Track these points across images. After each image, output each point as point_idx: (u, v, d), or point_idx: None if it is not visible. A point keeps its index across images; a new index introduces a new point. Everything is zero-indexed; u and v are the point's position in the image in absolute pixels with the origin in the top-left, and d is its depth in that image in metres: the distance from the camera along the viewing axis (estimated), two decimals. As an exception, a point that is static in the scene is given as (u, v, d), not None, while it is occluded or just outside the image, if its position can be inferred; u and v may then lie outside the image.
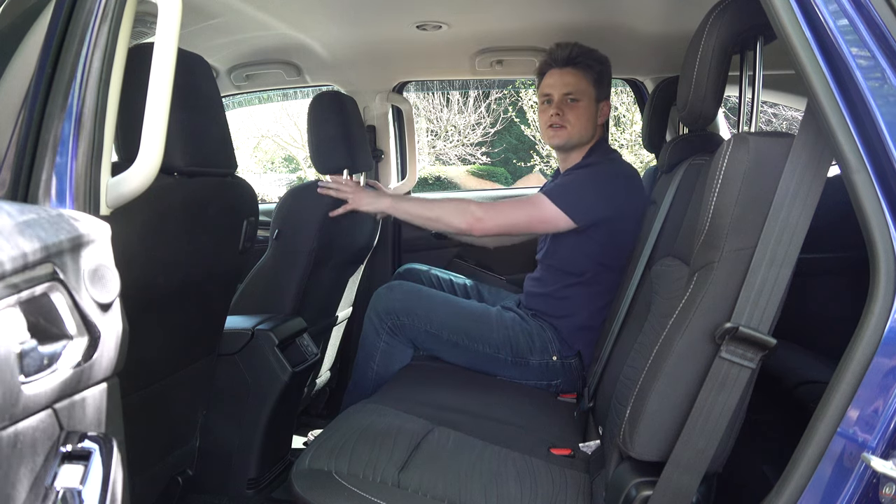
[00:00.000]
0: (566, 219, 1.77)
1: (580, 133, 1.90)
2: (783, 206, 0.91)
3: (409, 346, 1.92)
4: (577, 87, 1.88)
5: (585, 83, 1.88)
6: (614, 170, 1.86)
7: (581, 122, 1.89)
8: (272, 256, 1.98)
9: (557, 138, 1.92)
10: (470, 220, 1.81)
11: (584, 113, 1.89)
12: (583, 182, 1.83)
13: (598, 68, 1.90)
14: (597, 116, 1.92)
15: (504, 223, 1.82)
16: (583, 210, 1.77)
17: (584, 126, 1.89)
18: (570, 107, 1.89)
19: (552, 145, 1.99)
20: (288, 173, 12.99)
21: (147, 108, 0.96)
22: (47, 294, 0.75)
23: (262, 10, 1.91)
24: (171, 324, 1.35)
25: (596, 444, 1.43)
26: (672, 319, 1.03)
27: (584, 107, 1.89)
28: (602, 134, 1.99)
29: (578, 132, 1.90)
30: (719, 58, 1.08)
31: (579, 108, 1.88)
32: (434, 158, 11.69)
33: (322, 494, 1.17)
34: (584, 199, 1.79)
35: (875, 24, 0.82)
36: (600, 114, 1.93)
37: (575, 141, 1.91)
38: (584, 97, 1.88)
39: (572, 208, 1.77)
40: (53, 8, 0.96)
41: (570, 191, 1.81)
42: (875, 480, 0.78)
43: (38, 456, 0.73)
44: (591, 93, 1.90)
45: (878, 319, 0.80)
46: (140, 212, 1.08)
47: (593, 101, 1.90)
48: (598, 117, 1.93)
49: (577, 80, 1.88)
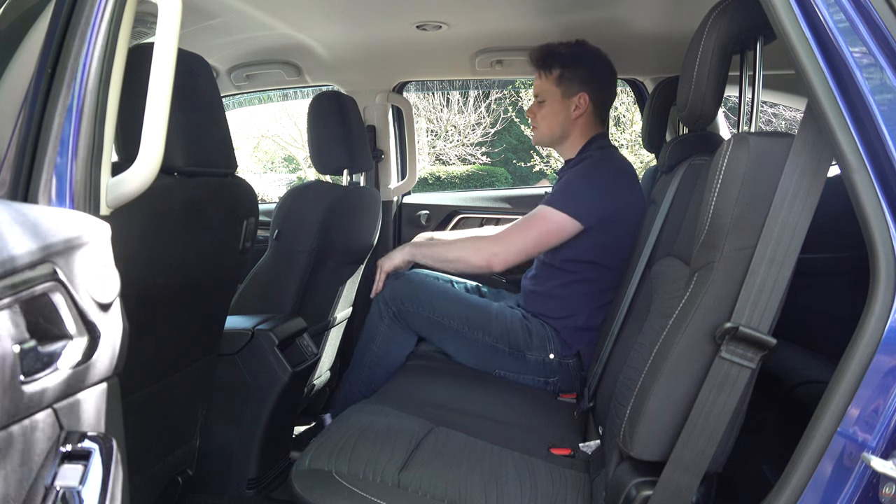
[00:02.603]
0: (573, 222, 1.78)
1: (549, 132, 1.98)
2: (783, 206, 0.91)
3: (411, 334, 1.94)
4: (540, 88, 1.97)
5: (548, 83, 1.95)
6: (607, 164, 1.87)
7: (546, 122, 1.97)
8: (272, 256, 1.98)
9: (535, 138, 2.06)
10: (487, 256, 1.83)
11: (549, 113, 1.96)
12: (577, 181, 1.84)
13: (561, 65, 1.92)
14: (569, 111, 1.93)
15: (520, 249, 1.83)
16: (585, 209, 1.78)
17: (550, 125, 1.97)
18: (539, 108, 1.98)
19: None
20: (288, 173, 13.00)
21: (147, 108, 0.96)
22: (47, 294, 0.75)
23: (262, 10, 1.91)
24: (171, 324, 1.35)
25: (596, 444, 1.43)
26: (672, 319, 1.03)
27: (548, 106, 1.96)
28: (599, 128, 1.99)
29: (547, 130, 1.98)
30: (719, 58, 1.08)
31: (545, 109, 1.97)
32: (434, 158, 11.69)
33: (322, 494, 1.17)
34: (584, 197, 1.79)
35: (875, 24, 0.82)
36: (575, 107, 1.93)
37: (547, 139, 2.01)
38: (548, 97, 1.95)
39: (576, 210, 1.78)
40: (53, 8, 0.96)
41: (568, 193, 1.82)
42: (875, 480, 0.78)
43: (38, 456, 0.73)
44: (554, 92, 1.94)
45: (878, 319, 0.80)
46: (140, 212, 1.08)
47: (558, 99, 1.94)
48: (573, 112, 1.93)
49: (540, 83, 1.97)
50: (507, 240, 1.84)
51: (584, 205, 1.78)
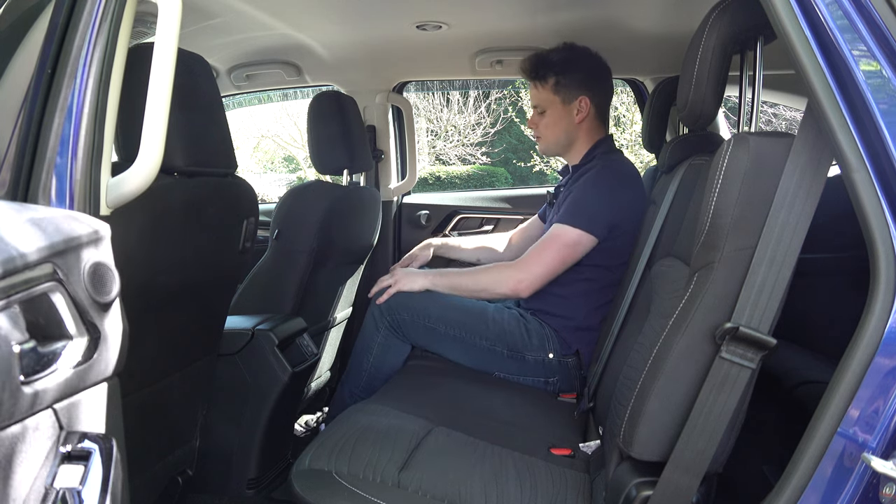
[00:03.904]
0: (589, 237, 1.78)
1: (555, 140, 1.98)
2: (783, 205, 0.91)
3: (406, 343, 1.92)
4: (539, 99, 1.96)
5: (546, 93, 1.94)
6: (613, 170, 1.87)
7: (550, 131, 1.97)
8: (272, 256, 1.98)
9: (540, 148, 2.06)
10: (512, 284, 1.82)
11: (551, 122, 1.95)
12: (587, 194, 1.83)
13: (555, 72, 1.91)
14: (572, 116, 1.93)
15: (543, 272, 1.82)
16: (597, 222, 1.78)
17: (555, 133, 1.96)
18: (540, 118, 1.98)
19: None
20: (288, 173, 13.00)
21: (147, 108, 0.95)
22: (47, 294, 0.75)
23: (262, 10, 1.91)
24: (171, 324, 1.35)
25: (596, 444, 1.43)
26: (672, 319, 1.03)
27: (550, 115, 1.95)
28: (602, 131, 1.99)
29: (552, 139, 1.98)
30: (719, 58, 1.08)
31: (547, 119, 1.96)
32: (434, 158, 11.69)
33: (322, 494, 1.17)
34: (595, 209, 1.79)
35: (875, 24, 0.82)
36: (577, 111, 1.93)
37: (553, 148, 2.01)
38: (548, 106, 1.94)
39: (589, 224, 1.78)
40: (53, 8, 0.96)
41: (579, 207, 1.81)
42: (875, 480, 0.78)
43: (38, 456, 0.73)
44: (553, 100, 1.93)
45: (878, 319, 0.80)
46: (140, 212, 1.08)
47: (559, 107, 1.93)
48: (576, 116, 1.93)
49: (537, 93, 1.96)
50: (529, 265, 1.83)
51: (596, 217, 1.78)
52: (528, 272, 1.82)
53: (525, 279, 1.82)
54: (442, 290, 1.91)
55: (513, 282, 1.82)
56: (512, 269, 1.85)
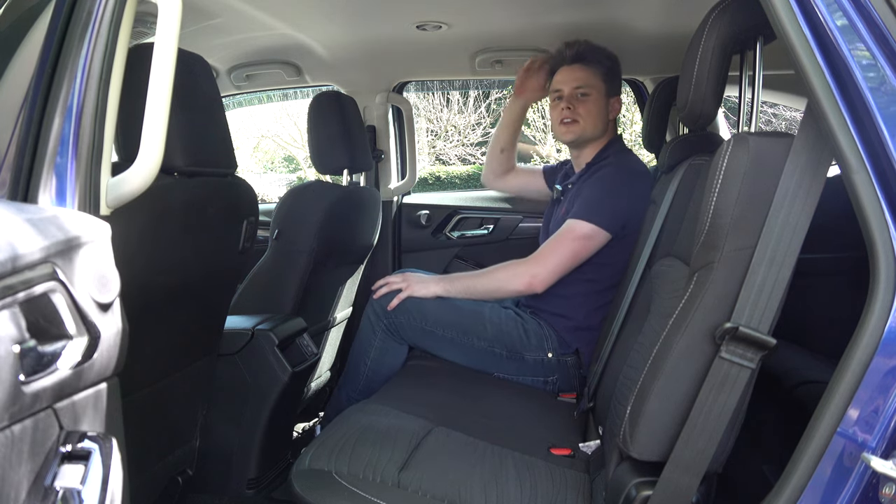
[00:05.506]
0: (602, 232, 1.78)
1: (592, 127, 1.92)
2: (783, 205, 0.91)
3: (403, 345, 1.92)
4: (586, 81, 1.91)
5: (595, 78, 1.91)
6: (629, 168, 1.87)
7: (592, 116, 1.91)
8: (272, 256, 1.98)
9: (570, 133, 1.94)
10: (527, 280, 1.81)
11: (594, 107, 1.91)
12: (601, 190, 1.83)
13: (608, 64, 1.93)
14: (608, 112, 1.94)
15: (557, 266, 1.81)
16: (610, 217, 1.78)
17: (595, 120, 1.92)
18: (580, 101, 1.92)
19: (565, 141, 2.00)
20: (288, 173, 12.99)
21: (147, 108, 0.95)
22: (47, 294, 0.75)
23: (262, 10, 1.91)
24: (171, 324, 1.35)
25: (596, 444, 1.43)
26: (672, 319, 1.03)
27: (594, 101, 1.91)
28: (615, 131, 2.00)
29: (590, 126, 1.92)
30: (719, 58, 1.08)
31: (589, 103, 1.91)
32: (434, 158, 11.68)
33: (322, 494, 1.17)
34: (609, 205, 1.79)
35: (875, 24, 0.82)
36: (611, 109, 1.95)
37: (588, 135, 1.94)
38: (593, 91, 1.91)
39: (603, 219, 1.78)
40: (53, 8, 0.96)
41: (593, 202, 1.81)
42: (875, 480, 0.78)
43: (38, 456, 0.73)
44: (601, 87, 1.92)
45: (878, 319, 0.80)
46: (140, 212, 1.08)
47: (603, 96, 1.93)
48: (609, 113, 1.94)
49: (586, 75, 1.92)
50: (543, 260, 1.82)
51: (610, 213, 1.78)
52: (543, 267, 1.81)
53: (540, 273, 1.81)
54: (455, 296, 1.88)
55: (528, 276, 1.81)
56: (525, 264, 1.84)
